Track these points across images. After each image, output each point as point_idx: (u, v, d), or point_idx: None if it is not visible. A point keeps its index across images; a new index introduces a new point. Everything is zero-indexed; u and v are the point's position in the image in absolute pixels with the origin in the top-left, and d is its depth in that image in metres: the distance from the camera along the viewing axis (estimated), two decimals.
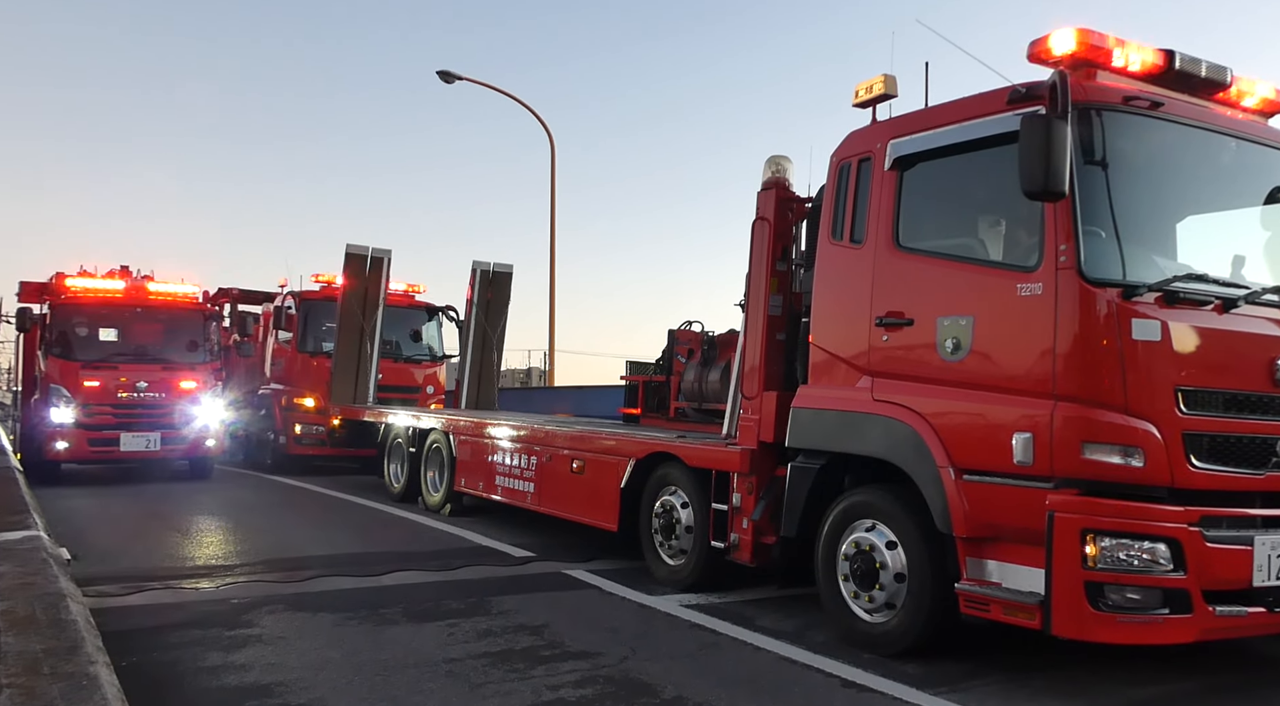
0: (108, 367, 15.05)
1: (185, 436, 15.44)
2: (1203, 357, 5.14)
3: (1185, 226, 5.79)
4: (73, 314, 15.38)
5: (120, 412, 14.98)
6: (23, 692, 3.86)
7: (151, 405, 15.17)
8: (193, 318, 16.31)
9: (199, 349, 16.09)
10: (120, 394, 14.97)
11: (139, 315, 15.91)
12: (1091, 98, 5.21)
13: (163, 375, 15.41)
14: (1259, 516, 5.19)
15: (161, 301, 16.14)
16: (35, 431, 15.40)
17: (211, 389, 15.90)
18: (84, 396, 14.78)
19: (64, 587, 5.83)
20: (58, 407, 14.66)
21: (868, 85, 6.50)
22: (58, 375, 14.88)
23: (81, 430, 14.70)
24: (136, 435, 15.00)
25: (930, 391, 5.72)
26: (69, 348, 15.19)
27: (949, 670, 5.59)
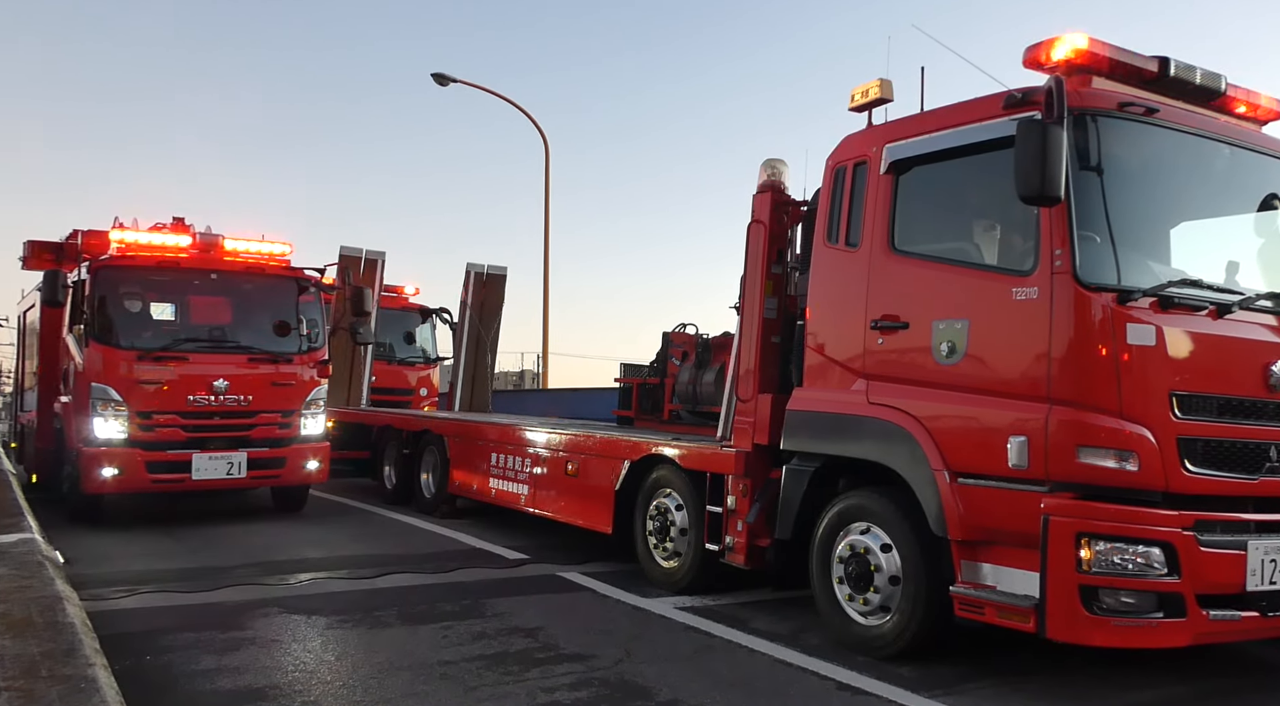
0: (174, 359, 10.55)
1: (281, 457, 10.96)
2: (1197, 363, 5.16)
3: (1180, 232, 5.81)
4: (123, 281, 10.75)
5: (192, 425, 10.51)
6: (22, 695, 3.85)
7: (235, 412, 10.75)
8: (286, 288, 11.63)
9: (296, 332, 11.54)
10: (192, 397, 10.50)
11: (215, 284, 11.36)
12: (1087, 103, 5.23)
13: (249, 370, 10.92)
14: (1252, 521, 5.21)
15: (245, 264, 11.50)
16: (64, 449, 10.99)
17: (316, 388, 11.41)
18: (141, 401, 10.29)
19: (60, 590, 5.82)
20: (103, 417, 10.15)
21: (864, 89, 6.52)
22: (101, 370, 10.30)
23: (138, 450, 10.22)
24: (214, 457, 10.52)
25: (925, 395, 5.73)
26: (117, 330, 10.54)
27: (943, 673, 5.60)
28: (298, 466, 11.12)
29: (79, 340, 10.71)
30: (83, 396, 10.36)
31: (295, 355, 11.29)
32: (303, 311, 11.60)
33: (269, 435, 10.96)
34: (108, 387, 10.23)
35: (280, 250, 11.76)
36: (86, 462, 10.14)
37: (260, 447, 10.85)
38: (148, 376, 10.37)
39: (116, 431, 10.23)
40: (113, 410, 10.21)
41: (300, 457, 11.12)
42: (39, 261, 12.53)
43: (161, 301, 11.27)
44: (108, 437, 10.19)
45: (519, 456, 10.09)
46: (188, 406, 10.48)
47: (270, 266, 11.67)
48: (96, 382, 10.24)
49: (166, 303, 11.34)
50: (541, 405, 19.51)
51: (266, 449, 10.90)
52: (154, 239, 11.05)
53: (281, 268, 11.71)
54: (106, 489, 10.26)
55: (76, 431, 10.45)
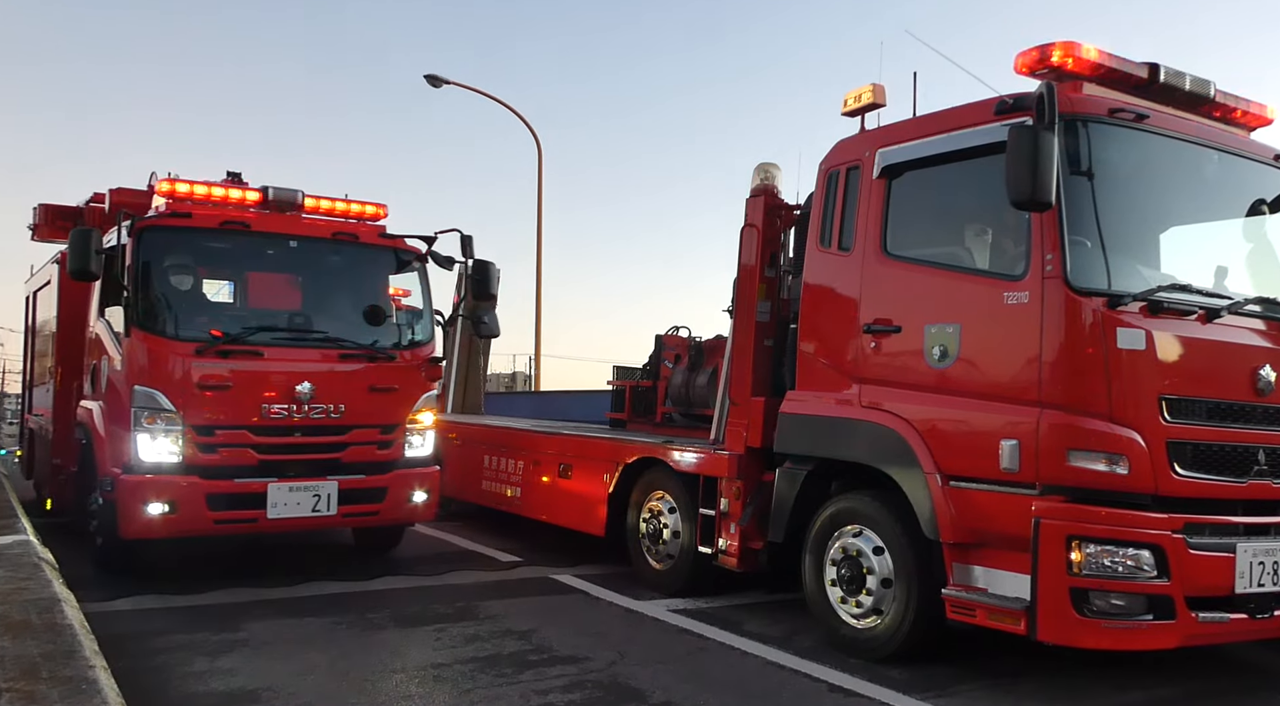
0: (245, 354, 7.69)
1: (380, 488, 8.13)
2: (1186, 367, 5.21)
3: (1169, 237, 5.86)
4: (177, 247, 7.97)
5: (268, 444, 7.72)
6: (22, 697, 3.86)
7: (323, 427, 7.92)
8: (384, 261, 8.79)
9: (397, 320, 8.84)
10: (267, 406, 7.70)
11: (293, 254, 8.44)
12: (1078, 109, 5.27)
13: (341, 368, 8.10)
14: (1241, 524, 5.25)
15: (330, 229, 8.55)
16: (90, 473, 8.12)
17: (425, 394, 8.57)
18: (200, 411, 7.49)
19: (57, 592, 5.82)
20: (149, 433, 7.36)
21: (856, 94, 6.55)
22: (147, 367, 7.49)
23: (196, 479, 7.44)
24: (296, 488, 7.74)
25: (917, 398, 5.76)
26: (169, 313, 7.75)
27: (935, 674, 5.63)
28: (401, 499, 8.21)
29: (115, 328, 7.93)
30: (121, 404, 7.53)
31: (399, 350, 8.41)
32: (413, 296, 8.98)
33: (366, 457, 8.05)
34: (156, 392, 7.33)
35: (373, 211, 8.87)
36: (126, 496, 7.22)
37: (354, 475, 7.96)
38: (210, 377, 7.49)
39: (167, 453, 7.34)
40: (163, 423, 7.31)
41: (404, 487, 8.22)
42: (53, 230, 10.57)
43: (225, 276, 8.82)
44: (155, 461, 7.30)
45: (512, 459, 10.10)
46: (262, 419, 7.60)
47: (363, 232, 8.62)
48: (141, 385, 7.37)
49: (232, 278, 8.88)
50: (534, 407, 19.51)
51: (362, 476, 8.00)
52: (215, 191, 8.18)
53: (377, 234, 8.68)
54: (153, 532, 7.34)
55: (111, 451, 7.57)
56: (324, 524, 8.07)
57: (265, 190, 8.26)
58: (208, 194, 8.09)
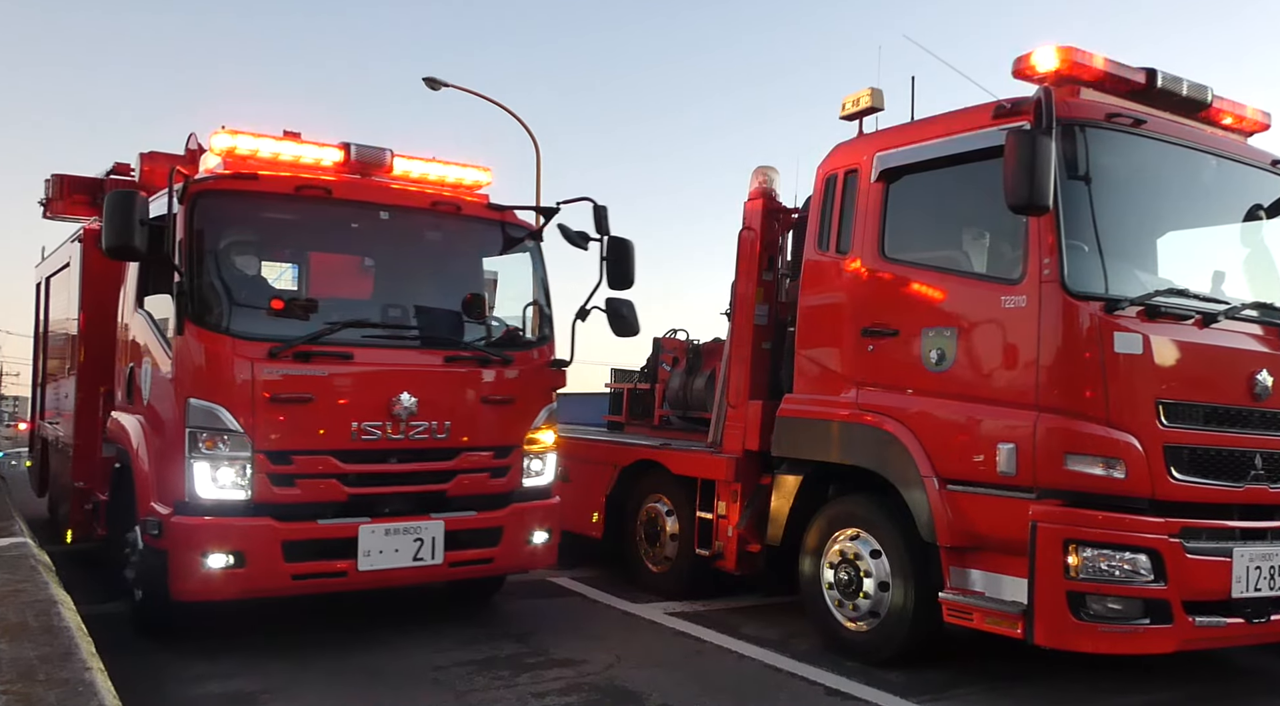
0: (330, 357, 5.89)
1: (495, 528, 6.35)
2: (1183, 371, 5.22)
3: (1166, 242, 5.87)
4: (242, 217, 6.28)
5: (359, 473, 5.94)
6: (19, 699, 3.84)
7: (426, 451, 6.17)
8: (491, 238, 6.98)
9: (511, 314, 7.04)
10: (358, 425, 5.93)
11: (383, 228, 6.61)
12: (1075, 114, 5.28)
13: (447, 375, 6.32)
14: (1238, 528, 5.26)
15: (428, 198, 6.75)
16: (126, 507, 6.40)
17: (545, 407, 6.75)
18: (275, 431, 5.73)
19: (54, 594, 5.80)
20: (209, 461, 5.62)
21: (854, 98, 6.57)
22: (206, 373, 5.74)
23: (269, 521, 5.66)
24: (394, 530, 5.93)
25: (914, 402, 5.76)
26: (233, 303, 5.88)
27: (932, 678, 5.63)
28: (519, 540, 6.40)
29: (160, 322, 6.13)
30: (169, 421, 5.81)
31: (515, 351, 6.57)
32: (522, 280, 6.94)
33: (477, 489, 6.27)
34: (217, 408, 5.54)
35: (476, 178, 7.03)
36: (179, 544, 5.49)
37: (463, 511, 6.17)
38: (288, 388, 5.69)
39: (232, 487, 5.56)
40: (226, 448, 5.54)
41: (523, 525, 6.41)
42: (69, 205, 9.05)
43: (298, 255, 7.04)
44: (217, 499, 5.54)
45: None
46: (352, 441, 5.83)
47: (466, 203, 6.81)
48: (198, 398, 5.58)
49: (306, 257, 7.09)
50: None
51: (473, 513, 6.20)
52: (284, 149, 6.30)
53: (482, 205, 6.86)
54: (214, 592, 5.57)
55: (156, 483, 5.84)
56: (426, 576, 6.13)
57: (347, 147, 6.43)
58: (275, 152, 6.23)
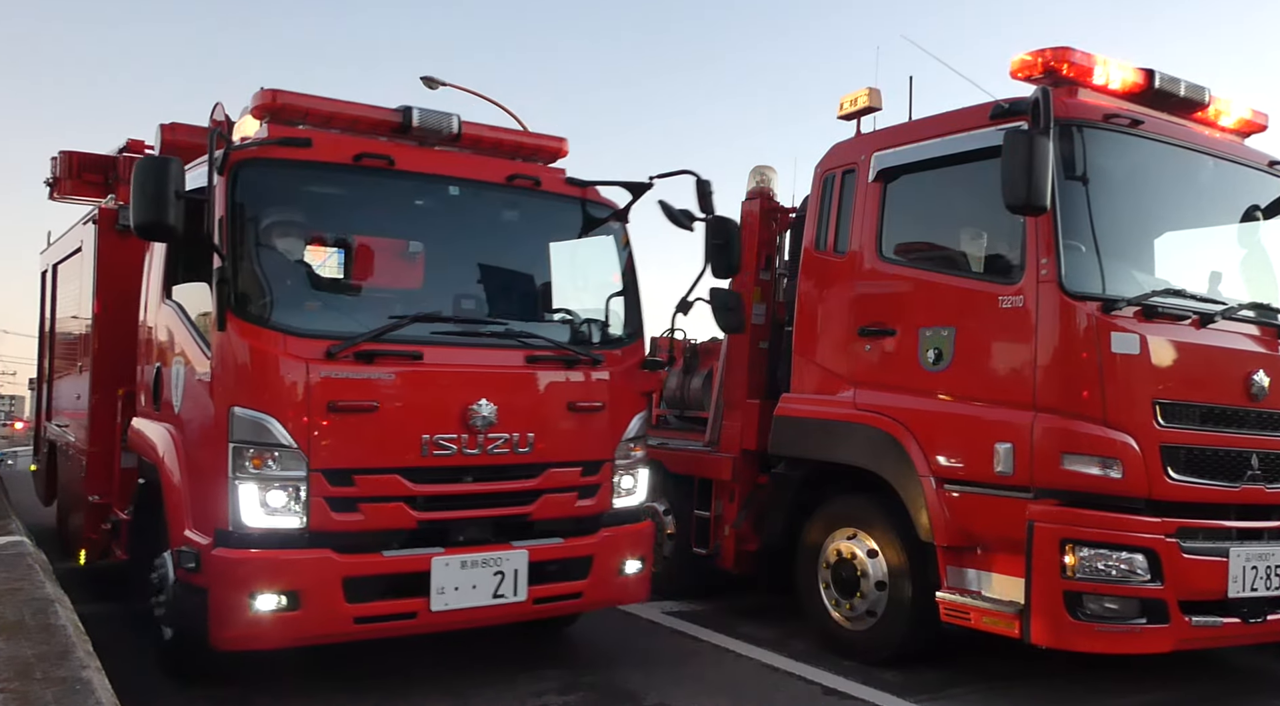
0: (397, 358, 4.95)
1: (583, 558, 5.47)
2: (1180, 371, 5.23)
3: (1164, 242, 5.88)
4: (292, 192, 5.30)
5: (429, 495, 5.02)
6: (16, 698, 3.84)
7: (506, 468, 5.26)
8: (569, 217, 5.98)
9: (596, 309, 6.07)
10: (430, 436, 4.99)
11: (452, 207, 5.70)
12: (1073, 114, 5.29)
13: (529, 378, 5.41)
14: (1234, 528, 5.28)
15: (504, 171, 5.76)
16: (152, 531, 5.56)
17: (637, 415, 5.84)
18: (333, 445, 4.80)
19: (51, 593, 5.78)
20: (258, 482, 4.68)
21: (852, 98, 6.57)
22: (254, 377, 4.80)
23: (329, 552, 4.73)
24: (471, 562, 5.02)
25: (912, 401, 5.77)
26: (283, 293, 4.97)
27: (929, 678, 5.64)
28: (610, 571, 5.54)
29: (195, 316, 5.30)
30: (208, 433, 4.91)
31: (604, 350, 5.67)
32: (608, 265, 5.98)
33: (563, 511, 5.40)
34: (267, 418, 4.68)
35: (553, 147, 6.09)
36: (221, 581, 4.64)
37: (548, 539, 5.32)
38: (350, 394, 4.81)
39: (285, 513, 4.70)
40: (277, 466, 4.68)
41: (614, 553, 5.55)
42: (78, 186, 8.37)
43: (356, 235, 5.61)
44: (266, 527, 4.67)
45: None
46: (422, 457, 4.96)
47: (546, 177, 5.84)
48: (244, 407, 4.71)
49: (365, 238, 5.69)
50: None
51: (559, 540, 5.35)
52: (338, 111, 5.35)
53: (562, 180, 5.90)
54: (263, 638, 4.72)
55: (192, 507, 4.97)
56: (507, 616, 5.28)
57: (407, 111, 5.43)
58: (327, 116, 5.29)
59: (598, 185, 5.95)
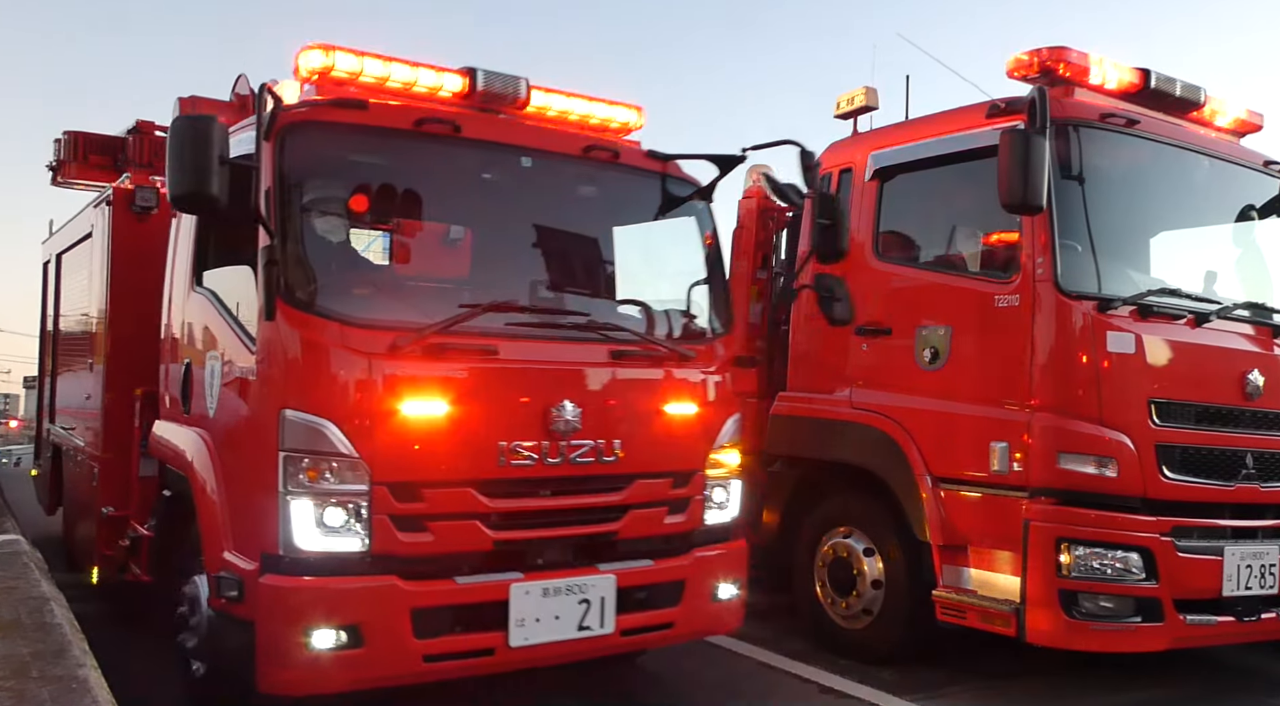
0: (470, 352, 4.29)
1: (674, 582, 4.77)
2: (1175, 370, 5.25)
3: (1159, 242, 5.90)
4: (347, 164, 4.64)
5: (508, 511, 4.35)
6: (13, 696, 3.84)
7: (591, 479, 4.58)
8: (649, 195, 5.24)
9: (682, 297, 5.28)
10: (507, 444, 4.30)
11: (524, 180, 4.97)
12: (1069, 114, 5.30)
13: (614, 376, 4.73)
14: (1229, 527, 5.30)
15: (580, 142, 5.06)
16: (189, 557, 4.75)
17: (730, 419, 5.11)
18: (400, 452, 4.12)
19: (46, 591, 5.78)
20: (313, 498, 3.98)
21: (849, 97, 6.58)
22: (308, 374, 4.10)
23: (396, 579, 4.05)
24: (554, 588, 4.36)
25: (908, 400, 5.78)
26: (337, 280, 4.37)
27: (926, 676, 5.65)
28: (703, 597, 4.89)
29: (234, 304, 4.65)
30: (252, 440, 4.28)
31: (694, 344, 5.03)
32: (693, 249, 5.30)
33: (652, 529, 4.77)
34: (324, 423, 4.03)
35: (626, 119, 5.48)
36: (272, 614, 4.01)
37: (636, 562, 4.68)
38: (418, 393, 4.18)
39: (344, 533, 4.04)
40: (335, 479, 4.04)
41: (708, 578, 4.92)
42: (85, 169, 8.00)
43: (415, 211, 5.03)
44: (323, 549, 4.02)
45: None
46: (499, 468, 4.32)
47: (626, 149, 5.24)
48: (297, 410, 4.06)
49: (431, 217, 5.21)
50: None
51: (648, 563, 4.71)
52: (394, 71, 4.74)
53: (642, 153, 5.27)
54: (319, 682, 4.07)
55: (232, 525, 4.36)
56: (592, 650, 4.63)
57: (472, 73, 4.86)
58: (382, 76, 4.69)
59: (681, 158, 5.32)
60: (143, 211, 6.36)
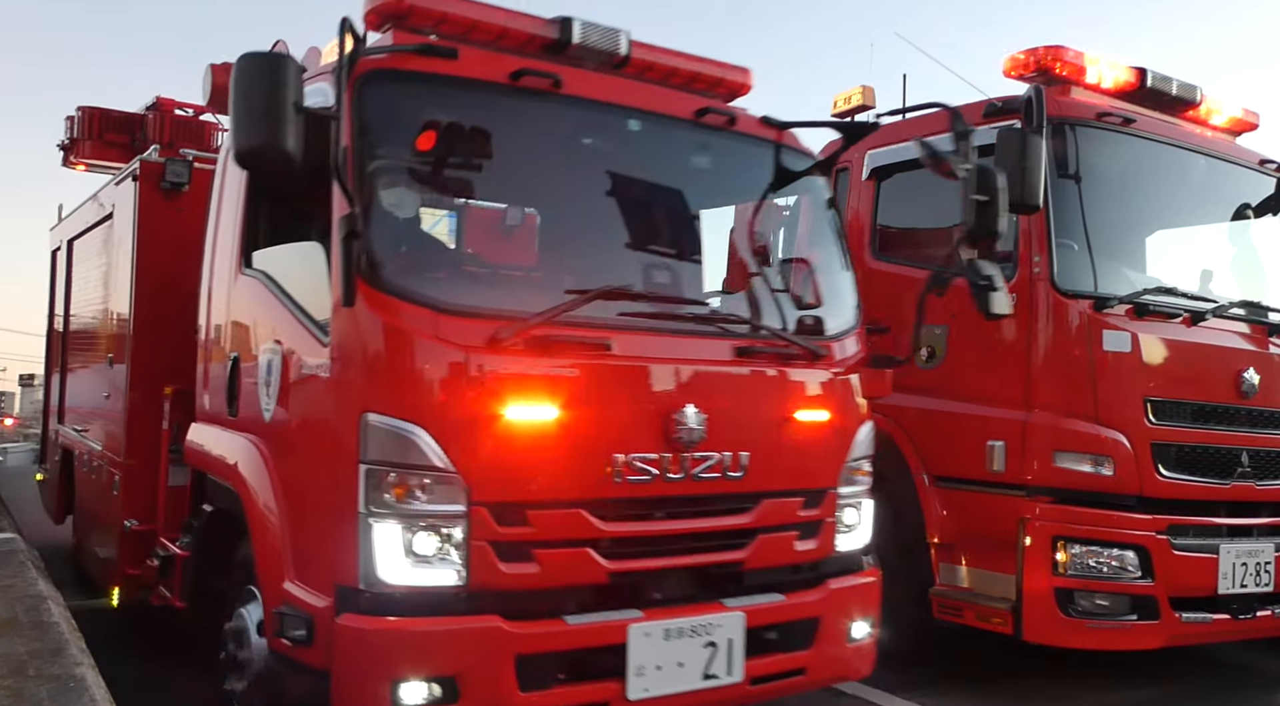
0: (580, 346, 3.60)
1: (809, 618, 4.08)
2: (1171, 369, 5.26)
3: (1155, 240, 5.91)
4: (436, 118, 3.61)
5: (622, 536, 3.66)
6: (11, 694, 3.84)
7: (714, 499, 3.87)
8: (761, 167, 4.56)
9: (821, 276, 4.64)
10: (622, 457, 3.62)
11: (630, 146, 4.32)
12: (1066, 113, 5.31)
13: (740, 376, 4.02)
14: (1224, 525, 5.31)
15: (693, 106, 4.32)
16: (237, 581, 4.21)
17: (861, 427, 4.47)
18: (501, 466, 3.45)
19: (43, 589, 5.77)
20: (401, 520, 3.32)
21: (846, 96, 6.58)
22: (392, 373, 3.43)
23: (498, 619, 3.37)
24: (677, 630, 3.64)
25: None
26: (425, 259, 3.94)
27: (923, 674, 5.64)
28: (838, 638, 4.23)
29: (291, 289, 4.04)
30: (326, 451, 3.59)
31: (823, 340, 4.33)
32: (814, 231, 4.77)
33: (780, 557, 4.13)
34: (415, 430, 3.36)
35: (737, 78, 4.71)
36: (353, 662, 3.35)
37: (766, 597, 4.02)
38: (523, 395, 3.51)
39: (438, 563, 3.39)
40: (426, 498, 3.37)
41: (842, 613, 4.26)
42: (100, 148, 7.60)
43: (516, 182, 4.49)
44: (412, 584, 3.36)
45: None
46: (614, 485, 3.63)
47: (742, 115, 4.52)
48: (382, 413, 3.39)
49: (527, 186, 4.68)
50: None
51: (779, 598, 4.05)
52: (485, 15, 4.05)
53: (755, 120, 4.57)
54: None
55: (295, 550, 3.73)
56: (717, 703, 3.89)
57: (565, 23, 4.15)
58: (471, 20, 3.99)
59: (801, 127, 4.68)
60: (173, 188, 5.76)
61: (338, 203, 3.37)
